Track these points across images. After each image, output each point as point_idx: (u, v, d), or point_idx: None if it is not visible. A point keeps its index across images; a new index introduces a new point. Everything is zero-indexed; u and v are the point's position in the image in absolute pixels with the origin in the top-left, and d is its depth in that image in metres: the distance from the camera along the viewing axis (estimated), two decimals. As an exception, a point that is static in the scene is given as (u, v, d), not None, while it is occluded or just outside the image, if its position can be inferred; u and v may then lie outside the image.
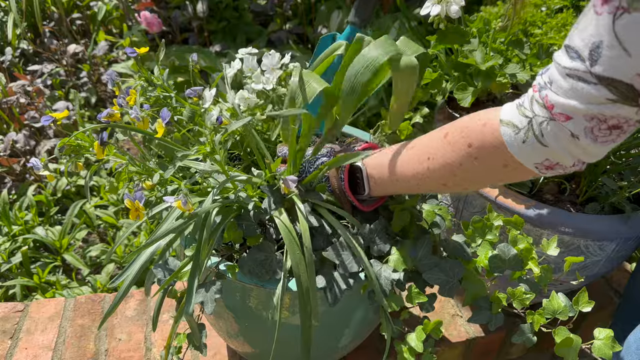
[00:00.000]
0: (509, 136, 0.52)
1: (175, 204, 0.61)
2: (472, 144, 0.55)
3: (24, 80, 1.84)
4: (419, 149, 0.63)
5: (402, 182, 0.65)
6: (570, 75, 0.46)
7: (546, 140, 0.50)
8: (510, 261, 0.71)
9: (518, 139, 0.51)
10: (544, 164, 0.52)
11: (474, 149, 0.55)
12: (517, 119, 0.51)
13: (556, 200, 0.92)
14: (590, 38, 0.43)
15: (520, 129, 0.51)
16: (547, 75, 0.49)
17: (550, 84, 0.48)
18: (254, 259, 0.69)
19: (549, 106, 0.48)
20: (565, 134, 0.48)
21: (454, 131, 0.58)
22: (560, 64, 0.46)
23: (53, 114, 0.71)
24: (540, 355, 1.23)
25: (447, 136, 0.59)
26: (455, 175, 0.59)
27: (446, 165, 0.59)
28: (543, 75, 0.49)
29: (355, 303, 0.77)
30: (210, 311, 0.68)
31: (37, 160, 0.70)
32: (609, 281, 1.23)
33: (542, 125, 0.49)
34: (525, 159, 0.52)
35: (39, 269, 1.38)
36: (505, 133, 0.52)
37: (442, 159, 0.59)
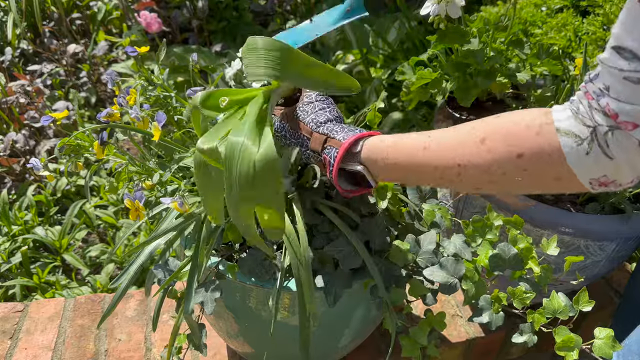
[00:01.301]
0: (570, 148, 0.47)
1: (172, 205, 0.61)
2: (523, 155, 0.50)
3: (23, 80, 1.84)
4: (445, 153, 0.55)
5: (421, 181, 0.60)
6: (628, 78, 0.43)
7: (612, 151, 0.46)
8: (510, 260, 0.70)
9: (581, 151, 0.47)
10: (600, 180, 0.48)
11: (524, 161, 0.50)
12: (577, 128, 0.47)
13: (556, 200, 0.92)
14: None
15: (584, 140, 0.46)
16: (599, 81, 0.45)
17: (607, 89, 0.44)
18: (254, 258, 0.69)
19: (612, 115, 0.44)
20: (633, 143, 0.45)
21: (494, 138, 0.52)
22: (616, 68, 0.43)
23: (53, 114, 0.71)
24: (540, 355, 1.23)
25: (485, 142, 0.52)
26: (493, 182, 0.53)
27: (484, 175, 0.53)
28: (595, 82, 0.46)
29: (356, 302, 0.77)
30: (210, 311, 0.68)
31: (37, 160, 0.70)
32: (609, 281, 1.23)
33: (607, 135, 0.45)
34: (583, 173, 0.48)
35: (38, 269, 1.38)
36: (565, 144, 0.47)
37: (479, 168, 0.53)
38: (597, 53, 1.06)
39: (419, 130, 1.63)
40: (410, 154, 0.58)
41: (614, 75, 0.44)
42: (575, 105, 0.48)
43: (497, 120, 0.53)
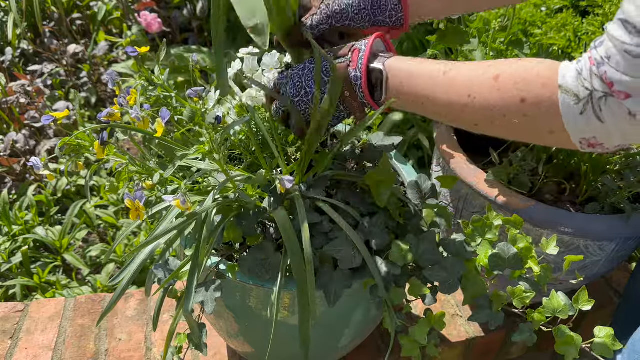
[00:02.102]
0: (567, 105, 0.50)
1: (174, 203, 0.61)
2: (526, 100, 0.53)
3: (24, 80, 1.84)
4: (460, 81, 0.58)
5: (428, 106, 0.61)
6: (629, 51, 0.45)
7: (603, 115, 0.48)
8: (510, 260, 0.71)
9: (576, 110, 0.50)
10: (589, 141, 0.51)
11: (526, 106, 0.53)
12: (577, 89, 0.49)
13: (556, 200, 0.92)
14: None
15: (580, 100, 0.49)
16: (603, 49, 0.47)
17: (608, 59, 0.47)
18: (254, 258, 0.69)
19: (608, 83, 0.47)
20: (623, 112, 0.47)
21: (506, 78, 0.54)
22: (619, 40, 0.45)
23: (53, 113, 0.71)
24: (540, 355, 1.23)
25: (498, 80, 0.55)
26: (493, 122, 0.56)
27: (488, 110, 0.56)
28: (599, 49, 0.48)
29: (355, 302, 0.77)
30: (210, 311, 0.68)
31: (37, 159, 0.70)
32: (609, 281, 1.23)
33: (602, 100, 0.48)
34: (575, 131, 0.51)
35: (39, 269, 1.38)
36: (563, 101, 0.50)
37: (486, 102, 0.56)
38: (596, 53, 1.06)
39: (419, 130, 1.63)
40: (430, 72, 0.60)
41: (616, 46, 0.46)
42: (580, 66, 0.50)
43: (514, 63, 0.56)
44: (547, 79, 0.52)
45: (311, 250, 0.65)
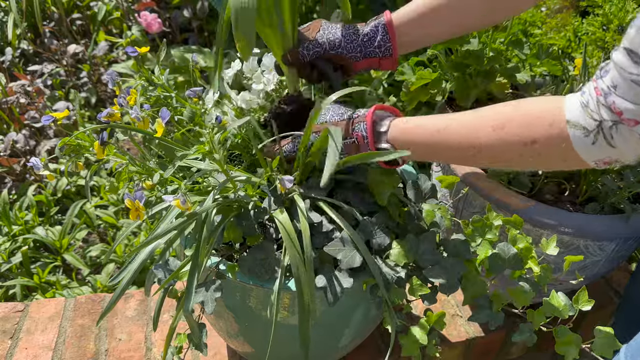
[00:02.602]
0: (577, 138, 0.52)
1: (174, 203, 0.61)
2: (537, 141, 0.55)
3: (24, 80, 1.84)
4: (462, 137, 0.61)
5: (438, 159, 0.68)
6: (635, 82, 0.46)
7: (615, 142, 0.50)
8: (510, 260, 0.71)
9: (587, 141, 0.52)
10: (604, 160, 0.53)
11: (538, 146, 0.56)
12: (585, 121, 0.51)
13: (556, 200, 0.92)
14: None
15: (590, 132, 0.51)
16: (609, 79, 0.49)
17: (615, 88, 0.48)
18: (254, 258, 0.69)
19: (617, 112, 0.48)
20: (635, 137, 0.49)
21: (512, 126, 0.57)
22: (625, 70, 0.46)
23: (53, 113, 0.71)
24: (540, 355, 1.23)
25: (505, 129, 0.58)
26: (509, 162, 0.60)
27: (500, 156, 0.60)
28: (604, 79, 0.49)
29: (355, 302, 0.77)
30: (210, 311, 0.68)
31: (37, 159, 0.70)
32: (609, 281, 1.23)
33: (612, 129, 0.50)
34: (589, 157, 0.53)
35: (39, 269, 1.38)
36: (574, 135, 0.52)
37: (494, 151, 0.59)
38: (596, 53, 1.07)
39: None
40: (430, 135, 0.64)
41: (622, 76, 0.47)
42: (585, 98, 0.52)
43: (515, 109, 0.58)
44: (552, 117, 0.54)
45: (311, 250, 0.65)
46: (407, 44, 0.78)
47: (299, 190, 0.71)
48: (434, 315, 0.69)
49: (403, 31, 0.76)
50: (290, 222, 0.67)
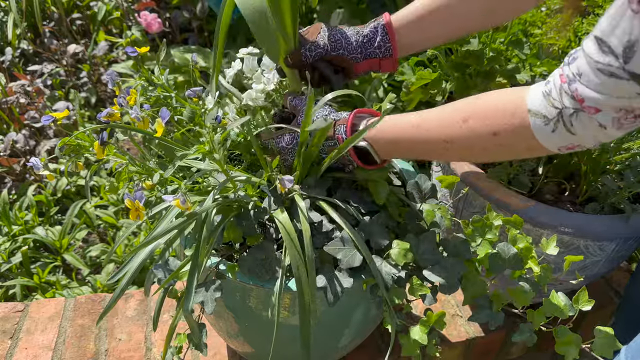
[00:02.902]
0: (538, 127, 0.54)
1: (174, 203, 0.61)
2: (499, 133, 0.57)
3: (24, 80, 1.84)
4: (434, 131, 0.63)
5: (414, 155, 0.69)
6: (601, 70, 0.46)
7: (575, 129, 0.51)
8: (510, 260, 0.71)
9: (547, 129, 0.53)
10: (567, 146, 0.54)
11: (500, 138, 0.57)
12: (546, 109, 0.52)
13: (556, 200, 0.92)
14: (624, 35, 0.43)
15: (550, 120, 0.52)
16: (575, 66, 0.49)
17: (580, 75, 0.48)
18: (254, 258, 0.69)
19: (579, 100, 0.49)
20: (594, 124, 0.50)
21: (475, 118, 0.59)
22: (592, 58, 0.47)
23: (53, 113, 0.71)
24: (540, 355, 1.23)
25: (468, 122, 0.59)
26: (474, 155, 0.63)
27: (467, 149, 0.61)
28: (571, 66, 0.49)
29: (356, 301, 0.77)
30: (210, 311, 0.68)
31: (37, 160, 0.70)
32: (609, 281, 1.23)
33: (572, 117, 0.51)
34: (551, 144, 0.55)
35: (39, 269, 1.38)
36: (534, 124, 0.54)
37: (463, 144, 0.61)
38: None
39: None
40: (404, 131, 0.66)
41: (589, 63, 0.47)
42: (548, 87, 0.53)
43: (478, 101, 0.60)
44: (514, 107, 0.56)
45: (312, 250, 0.65)
46: (407, 46, 0.78)
47: (299, 191, 0.71)
48: (434, 315, 0.69)
49: (402, 33, 0.77)
50: (290, 222, 0.67)
